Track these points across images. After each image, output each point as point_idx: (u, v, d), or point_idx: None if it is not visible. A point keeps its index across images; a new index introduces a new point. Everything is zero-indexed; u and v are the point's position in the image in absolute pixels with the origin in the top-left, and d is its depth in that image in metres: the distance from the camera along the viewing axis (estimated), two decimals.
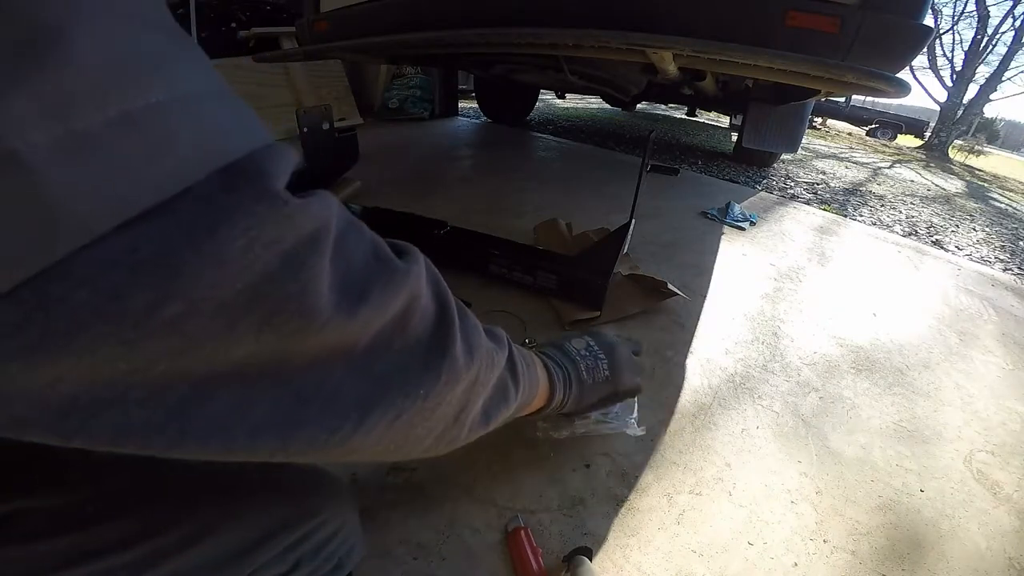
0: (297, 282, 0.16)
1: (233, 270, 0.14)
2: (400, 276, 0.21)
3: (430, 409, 0.23)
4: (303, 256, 0.16)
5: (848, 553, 0.57)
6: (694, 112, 5.20)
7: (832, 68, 0.72)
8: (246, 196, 0.14)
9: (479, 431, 0.30)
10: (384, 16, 1.19)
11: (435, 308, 0.24)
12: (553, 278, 0.97)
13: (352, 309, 0.18)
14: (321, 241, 0.17)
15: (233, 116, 0.15)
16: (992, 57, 9.06)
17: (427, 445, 0.25)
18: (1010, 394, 0.92)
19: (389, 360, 0.21)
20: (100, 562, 0.23)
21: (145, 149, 0.12)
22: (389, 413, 0.21)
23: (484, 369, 0.28)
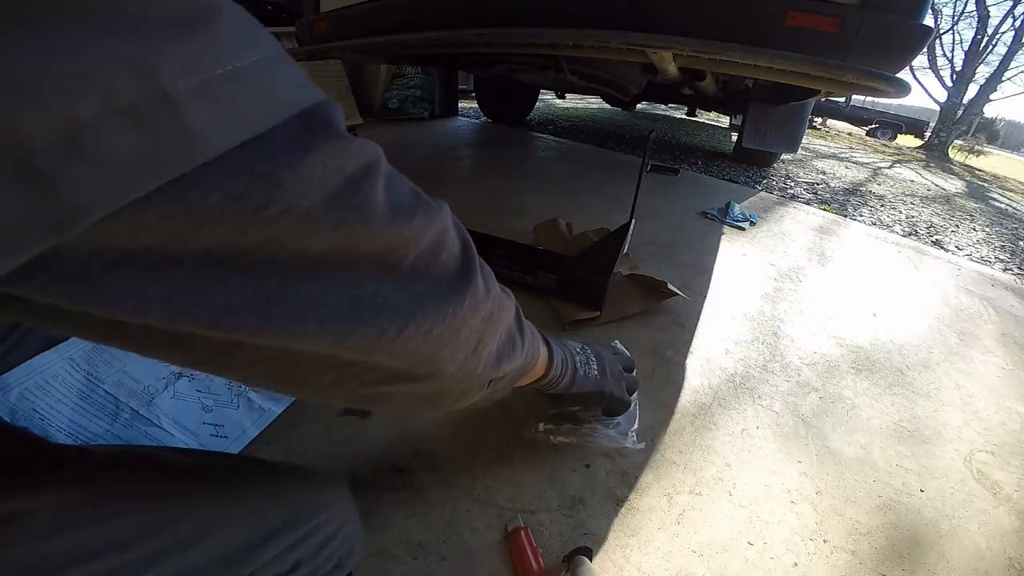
0: (357, 197, 0.20)
1: (315, 185, 0.18)
2: (435, 210, 0.25)
3: (456, 329, 0.27)
4: (360, 179, 0.20)
5: (848, 553, 0.57)
6: (694, 112, 5.21)
7: (832, 68, 0.72)
8: (322, 134, 0.19)
9: (492, 371, 0.34)
10: (384, 16, 1.19)
11: (460, 246, 0.28)
12: (553, 278, 0.97)
13: (400, 221, 0.22)
14: (374, 170, 0.21)
15: (299, 75, 0.19)
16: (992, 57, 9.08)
17: (451, 371, 0.29)
18: (1010, 394, 0.92)
19: (426, 282, 0.25)
20: (100, 562, 0.23)
21: (252, 94, 0.16)
22: (424, 324, 0.25)
23: (497, 309, 0.32)
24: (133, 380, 0.64)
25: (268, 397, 0.66)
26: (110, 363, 0.64)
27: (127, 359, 0.66)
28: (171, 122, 0.14)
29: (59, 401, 0.59)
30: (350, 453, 0.61)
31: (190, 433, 0.60)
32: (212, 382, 0.66)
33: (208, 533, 0.27)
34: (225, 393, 0.65)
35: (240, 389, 0.66)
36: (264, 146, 0.17)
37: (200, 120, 0.15)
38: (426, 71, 3.00)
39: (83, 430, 0.57)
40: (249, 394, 0.66)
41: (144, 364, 0.66)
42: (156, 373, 0.65)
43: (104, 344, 0.20)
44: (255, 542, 0.29)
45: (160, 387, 0.64)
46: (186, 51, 0.14)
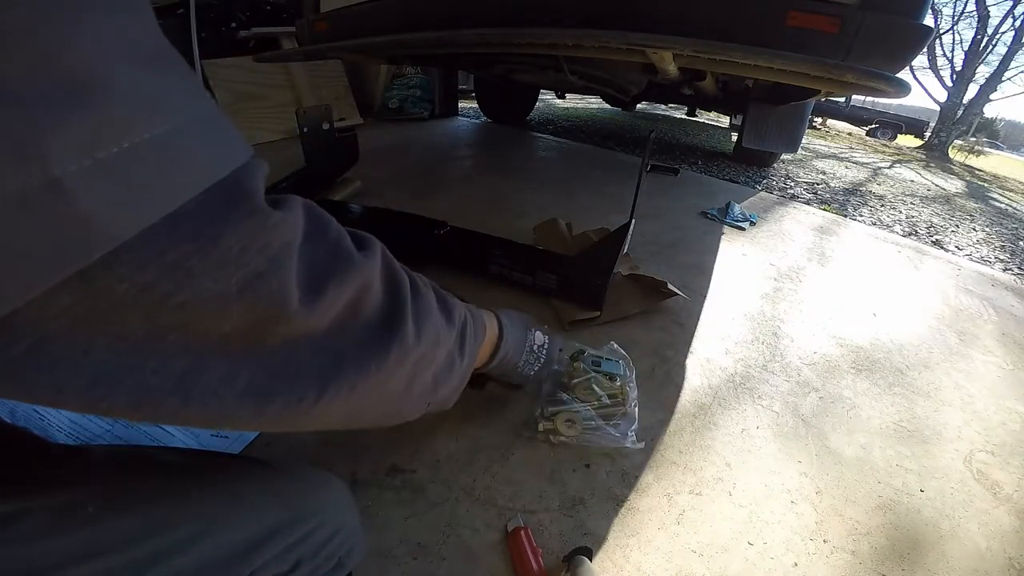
0: (276, 279, 0.20)
1: (227, 271, 0.18)
2: (354, 269, 0.25)
3: (382, 381, 0.27)
4: (283, 258, 0.20)
5: (848, 553, 0.57)
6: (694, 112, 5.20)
7: (832, 68, 0.72)
8: (240, 210, 0.18)
9: (428, 398, 0.35)
10: (384, 16, 1.19)
11: (385, 296, 0.28)
12: (553, 278, 0.97)
13: (314, 300, 0.22)
14: (294, 245, 0.21)
15: (220, 136, 0.18)
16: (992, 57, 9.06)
17: (381, 411, 0.29)
18: (1010, 394, 0.92)
19: (344, 340, 0.25)
20: (101, 561, 0.23)
21: (152, 172, 0.15)
22: (345, 385, 0.24)
23: (431, 347, 0.33)
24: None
25: None
26: None
27: None
28: (64, 210, 0.13)
29: None
30: (350, 453, 0.61)
31: (190, 433, 0.60)
32: None
33: (208, 533, 0.27)
34: None
35: None
36: (174, 229, 0.16)
37: (97, 206, 0.13)
38: (426, 71, 3.00)
39: (83, 430, 0.58)
40: None
41: None
42: None
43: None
44: (255, 542, 0.29)
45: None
46: (74, 129, 0.13)
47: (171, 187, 0.16)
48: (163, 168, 0.15)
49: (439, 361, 0.35)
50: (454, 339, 0.37)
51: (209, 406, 0.20)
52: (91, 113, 0.13)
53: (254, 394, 0.21)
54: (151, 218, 0.15)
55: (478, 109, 3.29)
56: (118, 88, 0.14)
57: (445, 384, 0.36)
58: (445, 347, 0.36)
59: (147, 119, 0.15)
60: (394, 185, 1.68)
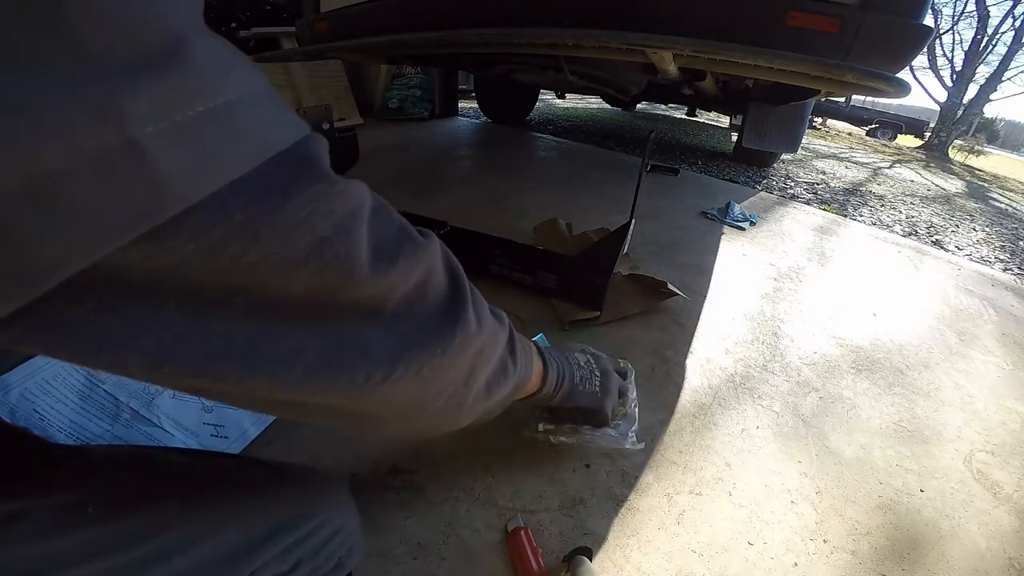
0: (344, 244, 0.20)
1: (295, 234, 0.18)
2: (420, 249, 0.25)
3: (446, 367, 0.27)
4: (349, 225, 0.20)
5: (848, 553, 0.57)
6: (694, 112, 5.20)
7: (832, 68, 0.72)
8: (304, 176, 0.18)
9: (482, 402, 0.34)
10: (384, 16, 1.19)
11: (448, 281, 0.28)
12: (553, 278, 0.97)
13: (384, 269, 0.22)
14: (361, 214, 0.21)
15: (281, 110, 0.18)
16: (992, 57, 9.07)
17: (442, 403, 0.29)
18: (1010, 394, 0.92)
19: (411, 321, 0.25)
20: (101, 562, 0.23)
21: (227, 135, 0.15)
22: (412, 366, 0.24)
23: (489, 342, 0.32)
24: (134, 380, 0.64)
25: None
26: None
27: None
28: (140, 170, 0.13)
29: (59, 401, 0.59)
30: (350, 453, 0.61)
31: (190, 433, 0.60)
32: None
33: (208, 533, 0.27)
34: None
35: None
36: (242, 192, 0.16)
37: (171, 167, 0.14)
38: (426, 71, 3.00)
39: (83, 430, 0.58)
40: None
41: None
42: None
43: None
44: (255, 542, 0.29)
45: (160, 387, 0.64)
46: (153, 93, 0.13)
47: (240, 152, 0.16)
48: (233, 134, 0.16)
49: (494, 362, 0.34)
50: (506, 341, 0.37)
51: (275, 377, 0.20)
52: (169, 76, 0.14)
53: (324, 367, 0.21)
54: (221, 181, 0.15)
55: (478, 109, 3.29)
56: (194, 54, 0.14)
57: (498, 391, 0.35)
58: (500, 346, 0.35)
59: (220, 86, 0.15)
60: (394, 185, 1.68)
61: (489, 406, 0.36)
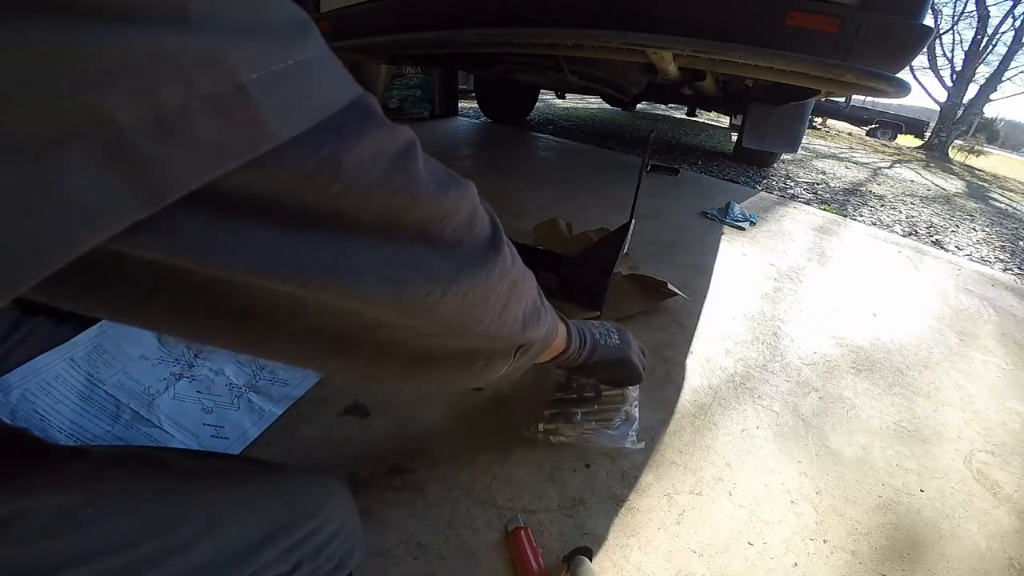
0: (405, 173, 0.23)
1: (369, 165, 0.21)
2: (466, 186, 0.29)
3: (487, 293, 0.31)
4: (405, 158, 0.24)
5: (848, 553, 0.57)
6: (694, 112, 5.20)
7: (832, 68, 0.72)
8: (369, 121, 0.22)
9: (517, 336, 0.37)
10: (384, 16, 1.19)
11: (490, 220, 0.32)
12: (553, 278, 0.97)
13: (441, 194, 0.26)
14: (414, 151, 0.24)
15: (344, 71, 0.21)
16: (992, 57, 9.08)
17: (480, 331, 0.32)
18: (1010, 394, 0.92)
19: (464, 250, 0.29)
20: (101, 563, 0.23)
21: (311, 86, 0.19)
22: (463, 288, 0.28)
23: (522, 277, 0.36)
24: (134, 381, 0.64)
25: (268, 399, 0.66)
26: (110, 364, 0.64)
27: (127, 360, 0.66)
28: (246, 110, 0.16)
29: (60, 402, 0.59)
30: (350, 453, 0.61)
31: (190, 434, 0.60)
32: (213, 383, 0.66)
33: (208, 534, 0.27)
34: (225, 394, 0.65)
35: (240, 390, 0.66)
36: (325, 132, 0.19)
37: (271, 109, 0.16)
38: (426, 71, 3.00)
39: (83, 431, 0.58)
40: (249, 395, 0.66)
41: (145, 365, 0.66)
42: (157, 374, 0.65)
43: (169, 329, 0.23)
44: (256, 543, 0.29)
45: (161, 388, 0.64)
46: (256, 46, 0.16)
47: (323, 99, 0.19)
48: (317, 83, 0.19)
49: (527, 299, 0.38)
50: (536, 287, 0.41)
51: (353, 286, 0.23)
52: (268, 34, 0.16)
53: (393, 280, 0.24)
54: (311, 122, 0.18)
55: (478, 109, 3.29)
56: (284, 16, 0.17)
57: (532, 329, 0.39)
58: (532, 287, 0.39)
59: (304, 44, 0.18)
60: None
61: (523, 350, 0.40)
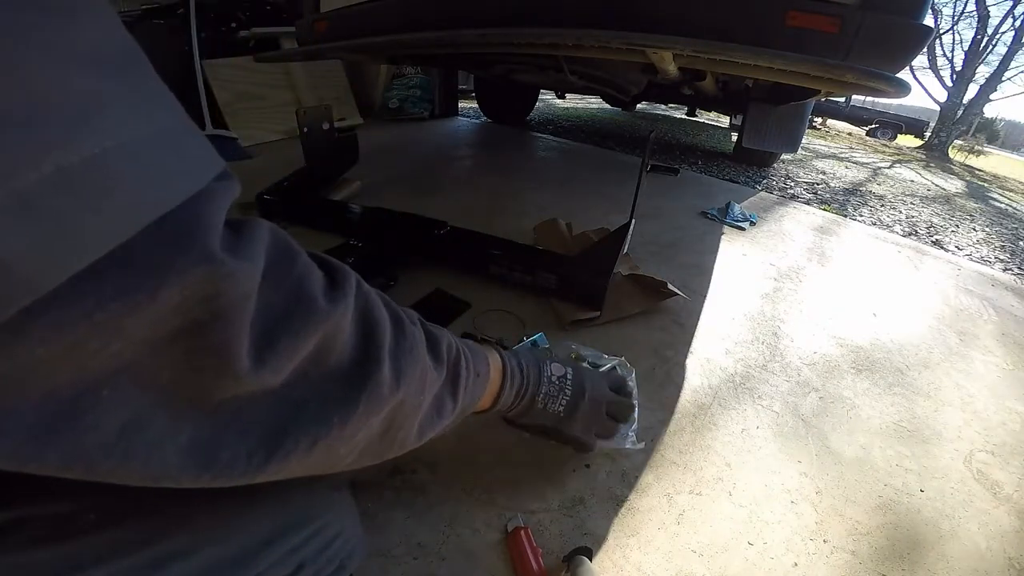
0: (221, 334, 0.18)
1: (167, 319, 0.16)
2: (316, 318, 0.22)
3: (349, 435, 0.24)
4: (231, 313, 0.18)
5: (848, 553, 0.57)
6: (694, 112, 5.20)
7: (832, 68, 0.72)
8: (187, 255, 0.15)
9: (412, 445, 0.32)
10: (384, 16, 1.19)
11: (358, 339, 0.25)
12: (553, 278, 0.97)
13: (264, 359, 0.20)
14: (249, 297, 0.18)
15: (177, 154, 0.15)
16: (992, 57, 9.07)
17: (351, 460, 0.27)
18: (1010, 394, 0.92)
19: (306, 391, 0.22)
20: (102, 569, 0.23)
21: (82, 204, 0.12)
22: (304, 440, 0.22)
23: (415, 393, 0.30)
24: None
25: None
26: None
27: None
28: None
29: None
30: None
31: None
32: None
33: (210, 538, 0.27)
34: None
35: None
36: (104, 278, 0.13)
37: (13, 249, 0.11)
38: (426, 71, 3.00)
39: None
40: None
41: None
42: None
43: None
44: (258, 546, 0.29)
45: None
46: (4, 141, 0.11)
47: (107, 222, 0.13)
48: (98, 198, 0.13)
49: (424, 407, 0.32)
50: (443, 380, 0.34)
51: (151, 463, 0.18)
52: (8, 132, 0.11)
53: (199, 451, 0.19)
54: (80, 263, 0.13)
55: (478, 109, 3.29)
56: (46, 100, 0.12)
57: (431, 430, 0.33)
58: (432, 391, 0.33)
59: (81, 137, 0.12)
60: (394, 185, 1.68)
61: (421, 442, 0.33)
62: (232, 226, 0.18)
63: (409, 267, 1.04)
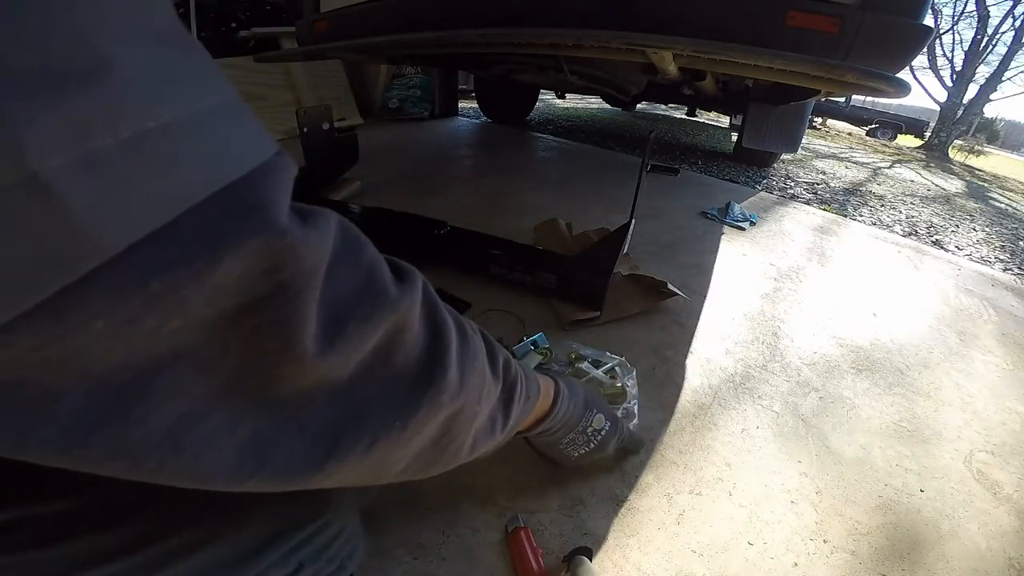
0: (288, 308, 0.16)
1: (228, 294, 0.15)
2: (387, 306, 0.21)
3: (407, 439, 0.23)
4: (297, 287, 0.17)
5: (848, 553, 0.57)
6: (694, 112, 5.20)
7: (832, 68, 0.72)
8: (249, 223, 0.15)
9: (463, 458, 0.30)
10: (384, 16, 1.19)
11: (426, 339, 0.24)
12: (553, 278, 0.97)
13: (331, 342, 0.19)
14: (316, 274, 0.17)
15: (238, 130, 0.15)
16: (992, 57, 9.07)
17: (402, 468, 0.25)
18: (1010, 394, 0.92)
19: (371, 388, 0.21)
20: (104, 567, 0.23)
21: (154, 169, 0.13)
22: (364, 439, 0.21)
23: (474, 401, 0.28)
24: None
25: None
26: None
27: None
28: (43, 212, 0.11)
29: None
30: None
31: None
32: None
33: (210, 538, 0.27)
34: None
35: None
36: (166, 247, 0.13)
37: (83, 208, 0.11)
38: (426, 71, 3.00)
39: None
40: None
41: None
42: None
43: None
44: (259, 545, 0.29)
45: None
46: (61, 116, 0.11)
47: (171, 190, 0.13)
48: (168, 164, 0.13)
49: (481, 419, 0.30)
50: (499, 395, 0.33)
51: (201, 459, 0.16)
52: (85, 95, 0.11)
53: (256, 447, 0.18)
54: (144, 228, 0.12)
55: (478, 109, 3.29)
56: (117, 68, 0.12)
57: (483, 444, 0.32)
58: (489, 403, 0.31)
59: (149, 106, 0.12)
60: (394, 185, 1.68)
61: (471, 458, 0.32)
62: (299, 210, 0.18)
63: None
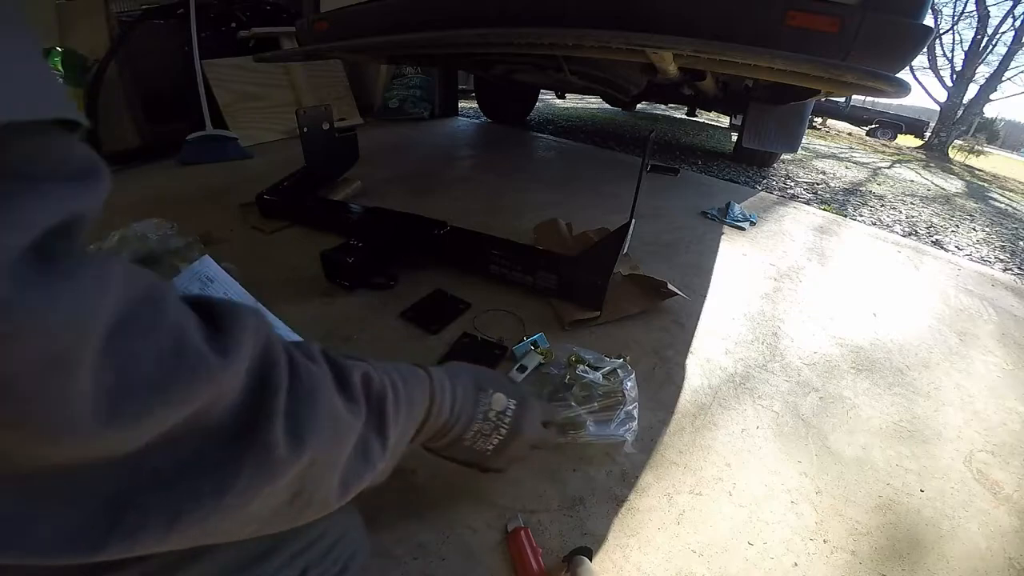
0: (26, 385, 0.13)
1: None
2: (197, 379, 0.18)
3: (234, 506, 0.21)
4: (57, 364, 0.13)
5: (848, 553, 0.57)
6: (694, 112, 5.20)
7: (832, 68, 0.72)
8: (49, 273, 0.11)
9: (339, 502, 0.28)
10: (384, 16, 1.19)
11: (244, 398, 0.21)
12: (553, 278, 0.97)
13: (110, 422, 0.15)
14: (78, 348, 0.14)
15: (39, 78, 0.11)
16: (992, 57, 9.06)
17: (253, 530, 0.23)
18: (1010, 394, 0.92)
19: (172, 458, 0.18)
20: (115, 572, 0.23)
21: None
22: (160, 515, 0.18)
23: (325, 449, 0.25)
24: None
25: None
26: None
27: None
28: None
29: None
30: None
31: None
32: None
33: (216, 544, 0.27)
34: None
35: None
36: None
37: None
38: (426, 71, 3.00)
39: None
40: None
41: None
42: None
43: None
44: (264, 550, 0.29)
45: None
46: None
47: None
48: None
49: (343, 460, 0.27)
50: (365, 421, 0.30)
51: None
52: None
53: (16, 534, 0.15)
54: None
55: (478, 109, 3.29)
56: None
57: (359, 481, 0.29)
58: (350, 440, 0.28)
59: None
60: (394, 185, 1.68)
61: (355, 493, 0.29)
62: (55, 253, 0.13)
63: (409, 267, 1.04)
